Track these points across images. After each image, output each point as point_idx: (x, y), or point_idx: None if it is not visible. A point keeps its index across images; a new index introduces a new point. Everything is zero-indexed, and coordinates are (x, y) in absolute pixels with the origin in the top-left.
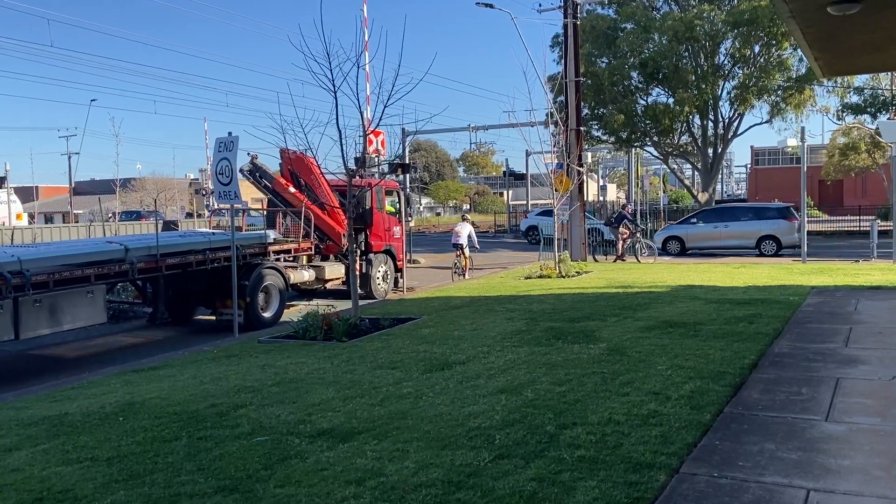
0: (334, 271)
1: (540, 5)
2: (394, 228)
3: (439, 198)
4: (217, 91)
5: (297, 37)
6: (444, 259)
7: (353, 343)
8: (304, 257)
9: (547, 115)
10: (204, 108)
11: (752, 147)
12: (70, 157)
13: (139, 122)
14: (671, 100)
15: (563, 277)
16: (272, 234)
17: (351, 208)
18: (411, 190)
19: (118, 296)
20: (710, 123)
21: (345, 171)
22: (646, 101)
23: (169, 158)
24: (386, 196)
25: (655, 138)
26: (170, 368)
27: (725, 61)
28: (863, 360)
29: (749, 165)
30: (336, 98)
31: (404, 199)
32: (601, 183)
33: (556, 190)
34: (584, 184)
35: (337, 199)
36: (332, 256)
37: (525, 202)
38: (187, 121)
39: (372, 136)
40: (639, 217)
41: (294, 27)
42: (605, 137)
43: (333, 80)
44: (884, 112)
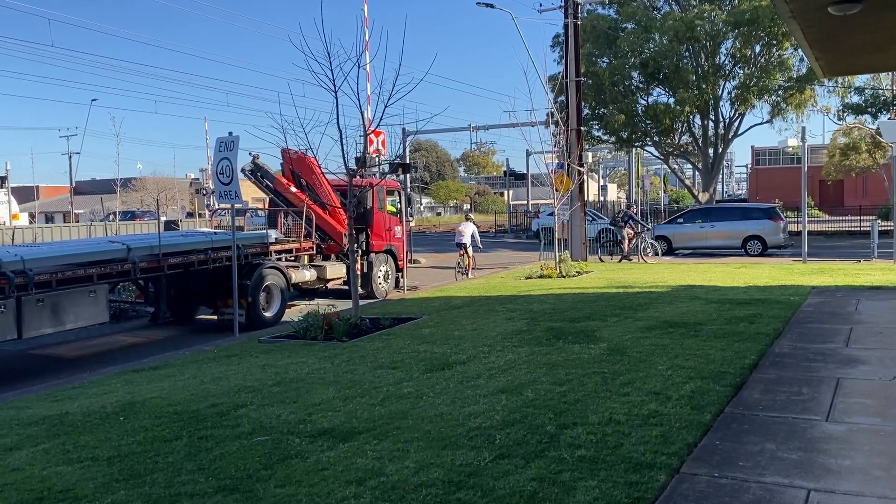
0: (335, 271)
1: (541, 5)
2: (395, 228)
3: (440, 198)
4: (218, 91)
5: (297, 37)
6: (444, 259)
7: (353, 343)
8: (306, 257)
9: (547, 114)
10: (205, 108)
11: (752, 147)
12: (71, 157)
13: (140, 121)
14: (672, 100)
15: (564, 277)
16: (274, 233)
17: (351, 208)
18: (412, 190)
19: (118, 295)
20: (711, 123)
21: (345, 170)
22: (646, 101)
23: (170, 158)
24: (387, 196)
25: (656, 138)
26: (170, 368)
27: (726, 61)
28: (863, 361)
29: (750, 165)
30: (337, 98)
31: (405, 198)
32: (602, 183)
33: (556, 190)
34: (585, 184)
35: (338, 198)
36: (333, 256)
37: (525, 202)
38: (188, 120)
39: (373, 135)
40: (638, 217)
41: (295, 27)
42: (605, 137)
43: (334, 80)
44: (884, 112)
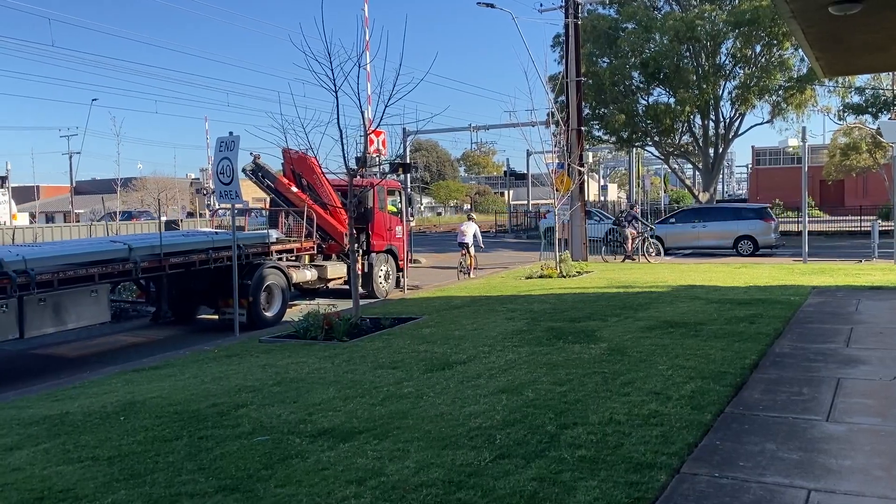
0: (336, 271)
1: (541, 5)
2: (395, 228)
3: (440, 197)
4: (218, 91)
5: (298, 36)
6: (445, 259)
7: (353, 343)
8: (307, 257)
9: (548, 114)
10: (205, 108)
11: (753, 147)
12: (71, 157)
13: (140, 121)
14: (672, 100)
15: (564, 277)
16: (275, 233)
17: (352, 208)
18: (412, 190)
19: (119, 295)
20: (711, 123)
21: (346, 170)
22: (647, 100)
23: (170, 158)
24: (388, 196)
25: (656, 138)
26: (171, 368)
27: (726, 61)
28: (864, 361)
29: (750, 165)
30: (337, 98)
31: (406, 198)
32: (602, 183)
33: (556, 190)
34: (585, 184)
35: (339, 198)
36: (334, 256)
37: (526, 202)
38: (188, 120)
39: (373, 135)
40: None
41: (295, 27)
42: (606, 137)
43: (335, 80)
44: (885, 112)
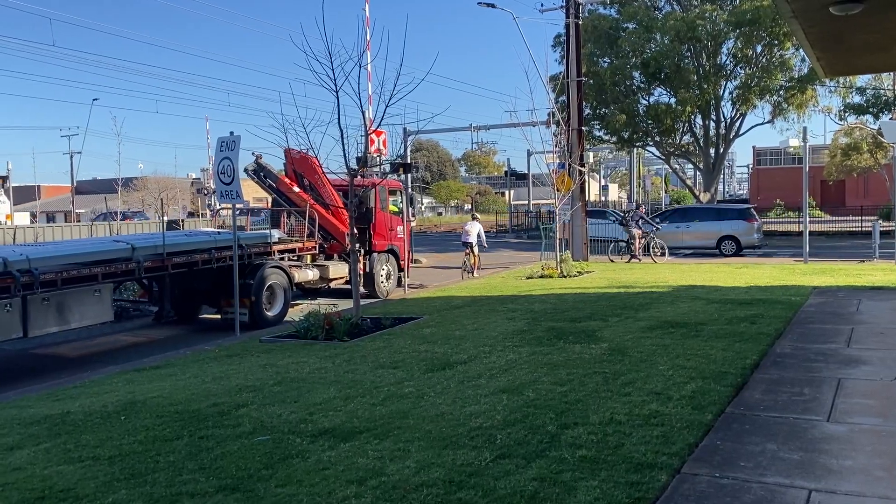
0: (338, 270)
1: (542, 5)
2: (397, 228)
3: (441, 197)
4: (219, 91)
5: (299, 36)
6: (446, 259)
7: (354, 343)
8: (309, 256)
9: (549, 114)
10: (206, 108)
11: (753, 147)
12: (72, 157)
13: (141, 121)
14: (673, 100)
15: (565, 277)
16: (276, 233)
17: (352, 208)
18: (413, 190)
19: (120, 294)
20: (712, 123)
21: (346, 170)
22: (648, 101)
23: (171, 158)
24: (389, 195)
25: (657, 138)
26: (171, 367)
27: (727, 61)
28: (865, 361)
29: (751, 165)
30: (338, 97)
31: (407, 198)
32: (603, 183)
33: (557, 190)
34: (586, 184)
35: (340, 198)
36: (335, 256)
37: (527, 202)
38: (189, 120)
39: (374, 135)
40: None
41: (296, 26)
42: (606, 137)
43: (335, 80)
44: (886, 112)
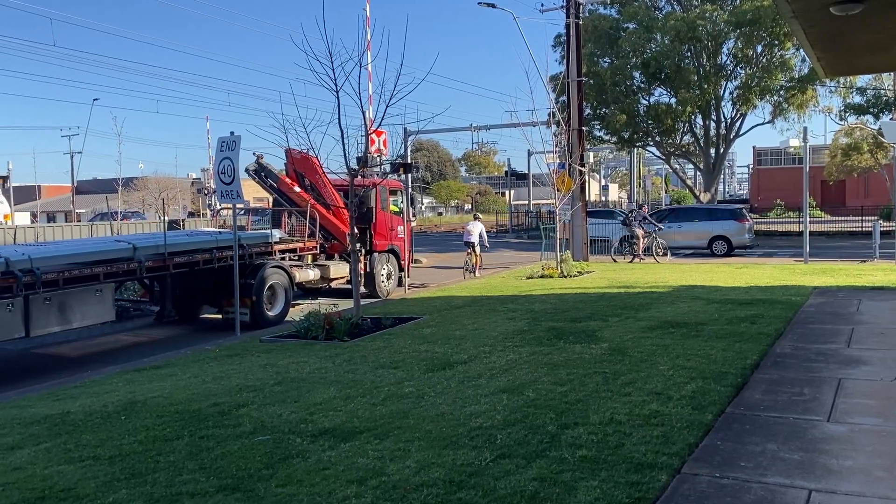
0: (339, 270)
1: (542, 5)
2: (398, 228)
3: (441, 197)
4: (220, 91)
5: (299, 36)
6: (446, 259)
7: (354, 342)
8: (310, 256)
9: (549, 114)
10: (207, 108)
11: (754, 147)
12: (72, 157)
13: (142, 121)
14: (673, 100)
15: (565, 277)
16: (278, 233)
17: (353, 208)
18: (413, 190)
19: (121, 294)
20: (713, 123)
21: (347, 170)
22: (648, 101)
23: (171, 158)
24: (390, 195)
25: (657, 138)
26: (172, 367)
27: (728, 61)
28: (865, 361)
29: (751, 165)
30: (338, 97)
31: (408, 198)
32: (603, 183)
33: (557, 190)
34: (587, 184)
35: (341, 198)
36: (336, 256)
37: (527, 202)
38: (190, 120)
39: (374, 135)
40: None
41: (296, 26)
42: (607, 137)
43: (336, 80)
44: (886, 112)
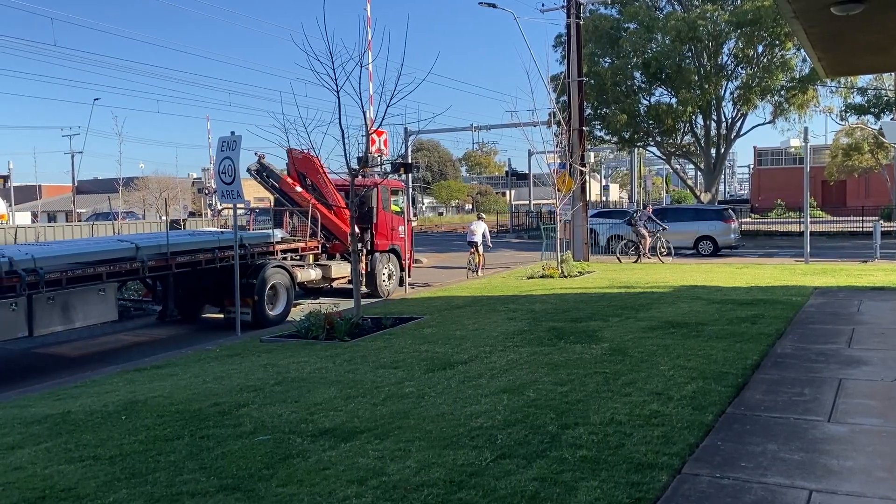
0: (341, 270)
1: (543, 5)
2: (399, 228)
3: (441, 197)
4: (220, 90)
5: (300, 36)
6: (447, 259)
7: (355, 342)
8: (311, 256)
9: (549, 114)
10: (207, 108)
11: (754, 147)
12: (73, 156)
13: (142, 121)
14: (674, 100)
15: (566, 277)
16: (279, 233)
17: (353, 207)
18: (414, 189)
19: (123, 293)
20: (713, 123)
21: (347, 170)
22: (649, 101)
23: (172, 157)
24: (391, 195)
25: (658, 138)
26: (172, 367)
27: (728, 61)
28: (865, 361)
29: (752, 166)
30: (339, 97)
31: (410, 198)
32: (604, 183)
33: (558, 190)
34: (587, 184)
35: (342, 198)
36: (338, 255)
37: (528, 202)
38: (190, 120)
39: (375, 135)
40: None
41: (297, 26)
42: (607, 137)
43: (336, 80)
44: (887, 113)
